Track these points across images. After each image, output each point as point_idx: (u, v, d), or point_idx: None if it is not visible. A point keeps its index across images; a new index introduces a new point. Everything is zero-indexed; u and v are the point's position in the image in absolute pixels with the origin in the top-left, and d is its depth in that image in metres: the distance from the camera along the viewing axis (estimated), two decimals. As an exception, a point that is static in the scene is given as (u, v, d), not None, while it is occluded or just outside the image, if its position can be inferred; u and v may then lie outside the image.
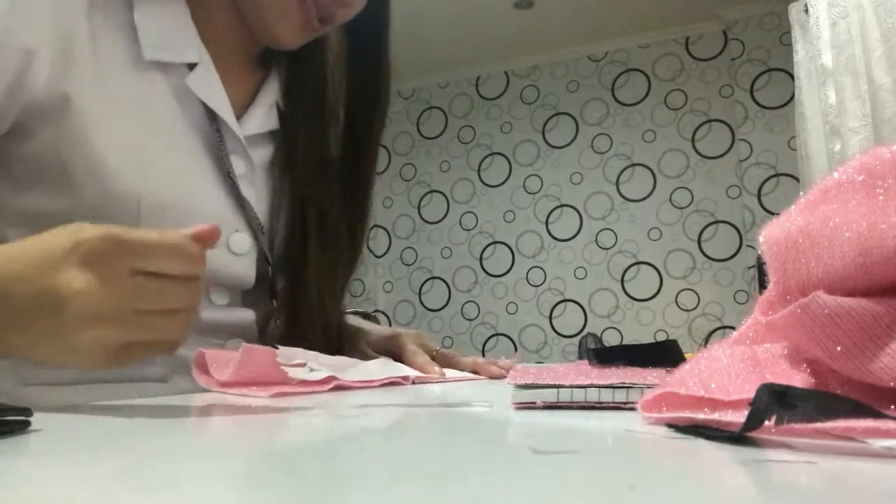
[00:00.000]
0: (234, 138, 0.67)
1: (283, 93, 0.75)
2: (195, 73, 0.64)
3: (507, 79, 4.19)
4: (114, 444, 0.27)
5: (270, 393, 0.45)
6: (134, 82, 0.61)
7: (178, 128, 0.63)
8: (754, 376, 0.26)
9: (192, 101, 0.64)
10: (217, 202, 0.65)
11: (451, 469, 0.21)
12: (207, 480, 0.19)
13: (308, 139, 0.74)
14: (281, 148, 0.73)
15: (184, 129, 0.64)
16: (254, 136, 0.70)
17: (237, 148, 0.67)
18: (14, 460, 0.23)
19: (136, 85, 0.61)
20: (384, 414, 0.37)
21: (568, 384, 0.35)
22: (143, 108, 0.61)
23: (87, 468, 0.21)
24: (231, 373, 0.49)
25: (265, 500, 0.16)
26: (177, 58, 0.63)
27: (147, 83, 0.62)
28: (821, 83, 2.07)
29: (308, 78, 0.76)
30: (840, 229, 0.25)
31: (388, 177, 4.40)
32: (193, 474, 0.20)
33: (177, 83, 0.64)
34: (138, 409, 0.42)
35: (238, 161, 0.67)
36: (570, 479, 0.19)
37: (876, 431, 0.20)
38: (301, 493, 0.17)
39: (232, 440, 0.29)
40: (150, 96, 0.62)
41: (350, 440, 0.28)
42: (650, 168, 3.78)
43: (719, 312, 3.54)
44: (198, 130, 0.65)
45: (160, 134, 0.62)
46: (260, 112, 0.72)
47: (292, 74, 0.77)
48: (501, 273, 4.08)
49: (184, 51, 0.64)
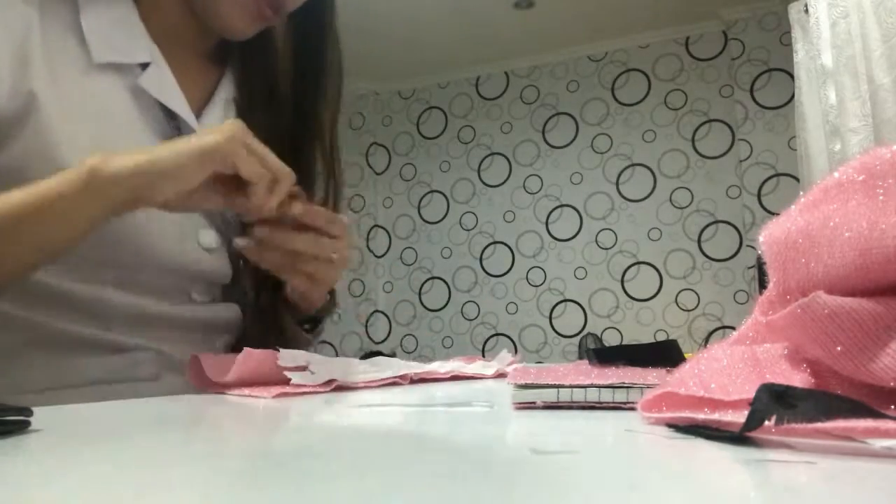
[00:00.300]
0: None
1: (237, 85, 0.76)
2: (148, 73, 0.64)
3: (507, 79, 4.19)
4: (114, 443, 0.27)
5: (273, 394, 0.45)
6: (88, 85, 0.61)
7: (136, 128, 0.64)
8: (754, 376, 0.26)
9: (149, 100, 0.65)
10: None
11: (451, 469, 0.21)
12: (207, 480, 0.19)
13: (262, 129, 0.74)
14: None
15: (142, 129, 0.64)
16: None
17: None
18: (14, 460, 0.23)
19: (91, 87, 0.61)
20: (384, 414, 0.37)
21: (568, 384, 0.35)
22: (99, 109, 0.61)
23: (87, 468, 0.21)
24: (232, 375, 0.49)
25: (265, 500, 0.16)
26: (127, 58, 0.64)
27: (101, 85, 0.62)
28: (821, 83, 2.07)
29: (258, 67, 0.77)
30: (840, 229, 0.25)
31: (388, 177, 4.40)
32: (193, 474, 0.20)
33: (131, 83, 0.64)
34: (138, 409, 0.42)
35: None
36: (570, 479, 0.19)
37: (876, 431, 0.20)
38: (301, 493, 0.17)
39: (232, 440, 0.29)
40: (105, 98, 0.62)
41: (350, 440, 0.28)
42: (650, 168, 3.78)
43: (719, 312, 3.54)
44: (156, 129, 0.65)
45: (119, 135, 0.62)
46: (218, 108, 0.72)
47: (245, 66, 0.77)
48: (501, 273, 4.08)
49: (134, 51, 0.64)
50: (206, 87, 0.74)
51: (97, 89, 0.61)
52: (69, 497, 0.17)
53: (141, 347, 0.63)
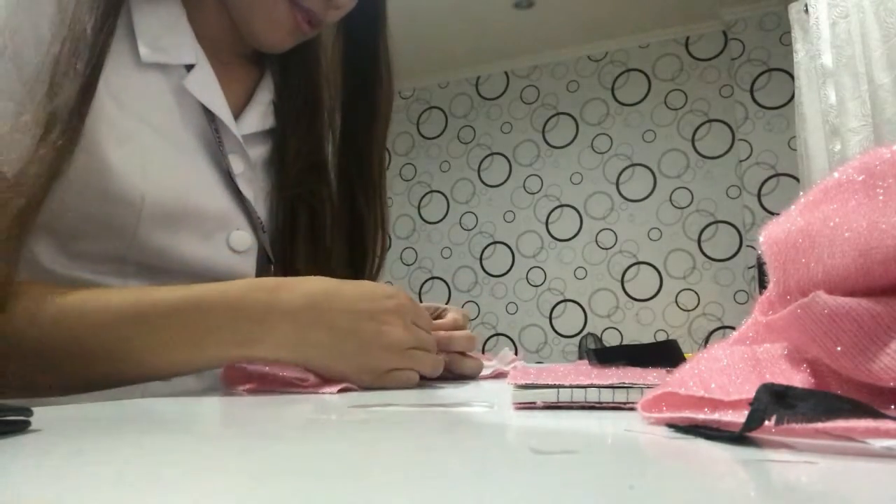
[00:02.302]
0: (231, 137, 0.67)
1: (277, 92, 0.75)
2: (193, 75, 0.64)
3: (507, 79, 4.19)
4: (114, 443, 0.27)
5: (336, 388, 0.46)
6: (133, 83, 0.61)
7: (177, 128, 0.64)
8: (754, 376, 0.26)
9: (190, 101, 0.65)
10: (217, 201, 0.65)
11: (451, 469, 0.21)
12: (207, 480, 0.19)
13: (299, 139, 0.74)
14: (275, 147, 0.73)
15: (183, 129, 0.64)
16: (251, 134, 0.70)
17: (235, 147, 0.67)
18: (14, 460, 0.23)
19: (136, 85, 0.61)
20: (384, 414, 0.37)
21: (568, 384, 0.35)
22: (142, 108, 0.61)
23: (87, 468, 0.21)
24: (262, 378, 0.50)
25: (265, 500, 0.16)
26: (174, 59, 0.64)
27: (146, 84, 0.62)
28: (821, 83, 2.07)
29: (300, 77, 0.76)
30: (840, 229, 0.25)
31: (388, 177, 4.37)
32: (194, 474, 0.20)
33: (175, 84, 0.64)
34: (139, 409, 0.42)
35: (236, 160, 0.67)
36: (570, 479, 0.19)
37: (876, 431, 0.20)
38: (301, 493, 0.17)
39: (233, 440, 0.29)
40: (149, 97, 0.62)
41: (350, 440, 0.28)
42: (650, 168, 3.78)
43: (719, 312, 3.54)
44: (196, 130, 0.65)
45: (160, 134, 0.62)
46: (256, 111, 0.72)
47: (285, 74, 0.76)
48: (501, 273, 4.08)
49: (180, 52, 0.64)
50: (244, 88, 0.74)
51: (141, 87, 0.62)
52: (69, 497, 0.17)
53: None
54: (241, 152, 0.68)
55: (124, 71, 0.61)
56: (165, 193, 0.60)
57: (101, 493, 0.18)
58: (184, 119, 0.64)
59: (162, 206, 0.59)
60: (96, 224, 0.58)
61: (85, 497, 0.17)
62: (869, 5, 1.94)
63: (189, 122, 0.65)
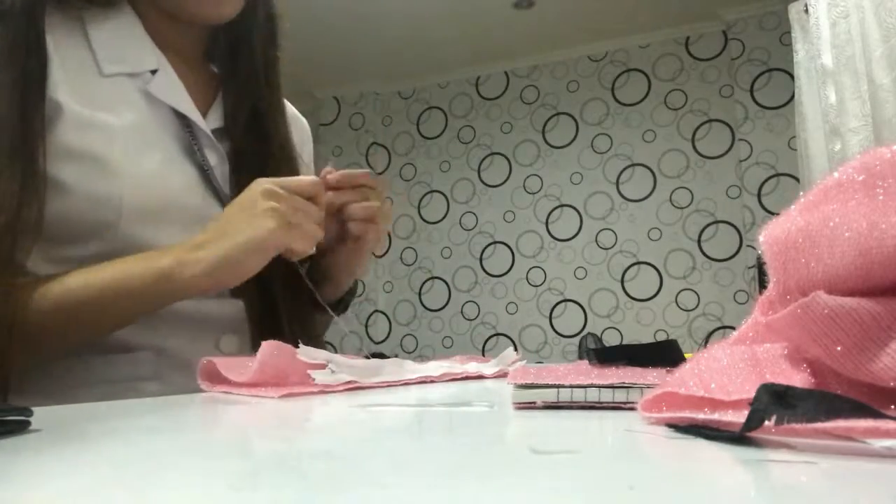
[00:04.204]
0: (202, 133, 0.70)
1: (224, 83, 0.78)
2: (156, 79, 0.68)
3: (507, 79, 4.19)
4: (114, 443, 0.27)
5: (279, 394, 0.45)
6: (102, 90, 0.64)
7: (149, 128, 0.66)
8: (754, 376, 0.26)
9: (159, 103, 0.68)
10: (195, 196, 0.68)
11: (451, 469, 0.21)
12: (207, 480, 0.19)
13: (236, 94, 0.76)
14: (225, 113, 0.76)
15: (156, 129, 0.67)
16: (219, 129, 0.74)
17: (207, 142, 0.71)
18: (14, 460, 0.23)
19: (104, 93, 0.64)
20: (384, 414, 0.37)
21: (568, 384, 0.35)
22: (114, 112, 0.64)
23: (87, 468, 0.21)
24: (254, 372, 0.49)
25: (265, 500, 0.16)
26: (136, 68, 0.67)
27: (114, 90, 0.65)
28: (821, 83, 2.07)
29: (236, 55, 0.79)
30: (840, 229, 0.25)
31: (388, 177, 4.39)
32: (194, 474, 0.20)
33: (141, 87, 0.67)
34: (138, 409, 0.42)
35: (210, 154, 0.71)
36: (570, 479, 0.19)
37: (876, 431, 0.20)
38: (301, 493, 0.17)
39: (232, 440, 0.29)
40: (118, 101, 0.65)
41: (350, 440, 0.28)
42: (650, 168, 3.78)
43: (719, 312, 3.54)
44: (169, 129, 0.68)
45: (134, 135, 0.65)
46: (221, 107, 0.76)
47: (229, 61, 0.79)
48: (501, 273, 4.08)
49: (142, 60, 0.68)
50: (213, 87, 0.77)
51: (111, 93, 0.65)
52: (69, 497, 0.17)
53: (143, 347, 0.63)
54: (213, 146, 0.71)
55: (92, 80, 0.64)
56: (144, 193, 0.63)
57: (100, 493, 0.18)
58: (156, 119, 0.67)
59: (140, 205, 0.62)
60: (79, 228, 0.60)
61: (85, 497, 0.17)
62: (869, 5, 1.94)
63: (161, 122, 0.68)
